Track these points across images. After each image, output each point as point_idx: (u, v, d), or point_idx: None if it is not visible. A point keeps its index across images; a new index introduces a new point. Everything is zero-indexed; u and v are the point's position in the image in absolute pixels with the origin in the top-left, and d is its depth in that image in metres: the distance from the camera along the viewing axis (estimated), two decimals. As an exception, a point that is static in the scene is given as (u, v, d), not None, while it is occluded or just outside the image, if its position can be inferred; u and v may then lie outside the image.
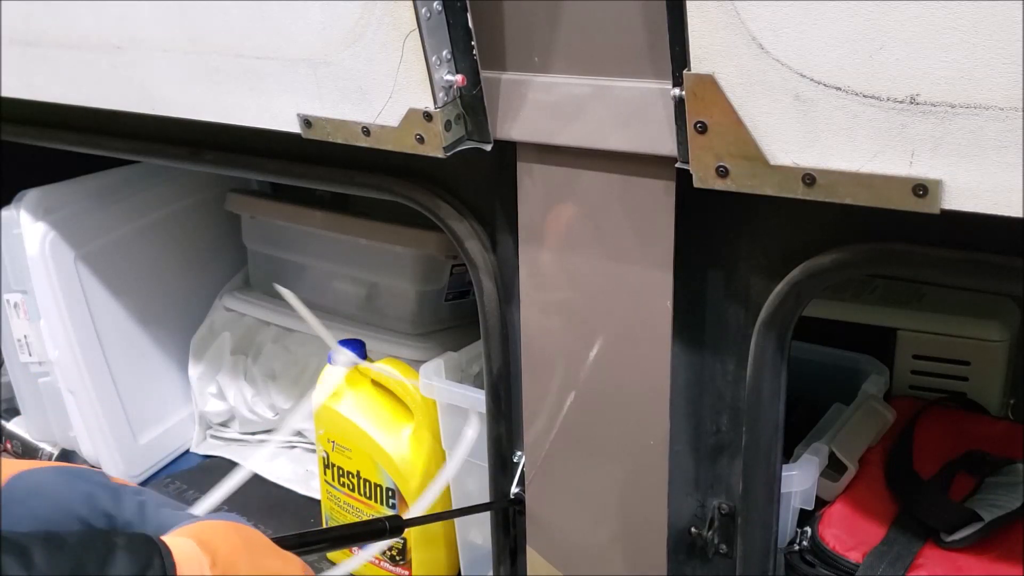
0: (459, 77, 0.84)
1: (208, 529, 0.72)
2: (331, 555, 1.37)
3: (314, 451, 1.55)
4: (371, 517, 1.27)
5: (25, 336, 1.47)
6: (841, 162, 0.67)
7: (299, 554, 0.83)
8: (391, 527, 0.94)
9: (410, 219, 1.31)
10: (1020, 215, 0.62)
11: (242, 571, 0.71)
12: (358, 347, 1.24)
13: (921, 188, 0.64)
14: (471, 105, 0.86)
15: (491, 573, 1.13)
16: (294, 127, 0.95)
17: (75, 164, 1.51)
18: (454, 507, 1.24)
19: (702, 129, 0.71)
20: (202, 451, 1.66)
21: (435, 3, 0.81)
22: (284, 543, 0.82)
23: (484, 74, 0.85)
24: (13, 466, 0.69)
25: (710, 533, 0.93)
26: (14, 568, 0.59)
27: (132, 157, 1.38)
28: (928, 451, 1.09)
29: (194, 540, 0.69)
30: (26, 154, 1.44)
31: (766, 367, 0.84)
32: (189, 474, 1.60)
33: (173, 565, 0.66)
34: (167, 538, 0.69)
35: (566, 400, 0.95)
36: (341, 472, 1.28)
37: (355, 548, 1.32)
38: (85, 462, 1.58)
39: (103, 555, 0.63)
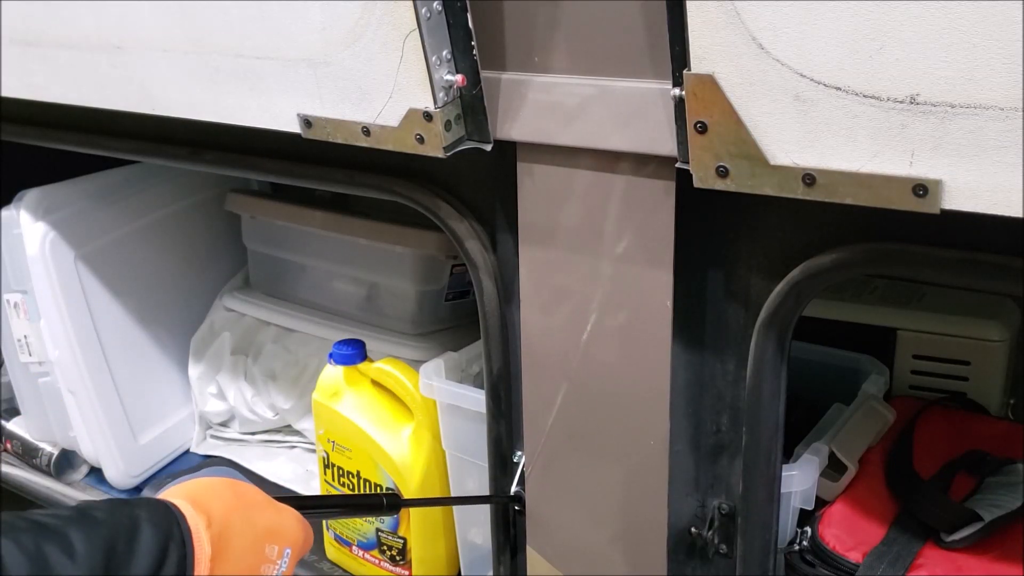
0: (459, 77, 0.84)
1: (200, 488, 0.75)
2: (330, 555, 1.37)
3: (314, 451, 1.55)
4: (371, 523, 1.28)
5: (25, 336, 1.47)
6: (841, 162, 0.67)
7: None
8: (388, 504, 0.94)
9: (410, 219, 1.31)
10: (1020, 215, 0.62)
11: (236, 527, 0.73)
12: (358, 347, 1.24)
13: (921, 188, 0.64)
14: (471, 105, 0.86)
15: (491, 573, 1.13)
16: (294, 127, 0.95)
17: (75, 164, 1.51)
18: (454, 506, 1.24)
19: (702, 129, 0.71)
20: (202, 451, 1.66)
21: (435, 3, 0.81)
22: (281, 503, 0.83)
23: (484, 74, 0.85)
24: None
25: (710, 533, 0.93)
26: (59, 557, 0.62)
27: (132, 157, 1.38)
28: (928, 451, 1.09)
29: (188, 501, 0.71)
30: (26, 154, 1.44)
31: (766, 367, 0.84)
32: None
33: (189, 530, 0.69)
34: (168, 500, 0.71)
35: (566, 400, 0.95)
36: (341, 472, 1.28)
37: (356, 549, 1.32)
38: (85, 462, 1.59)
39: (130, 529, 0.66)
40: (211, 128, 1.04)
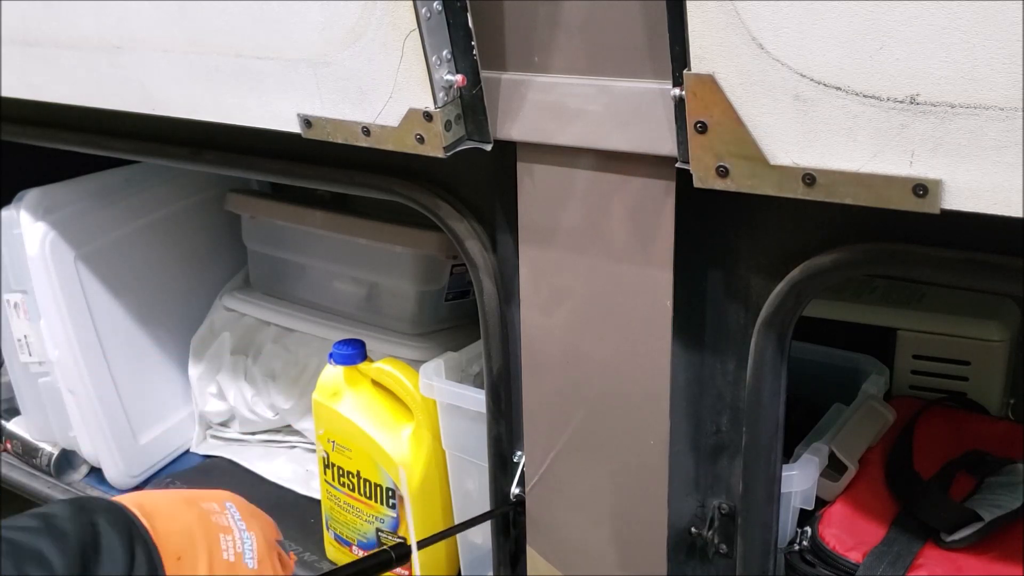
0: (459, 77, 0.84)
1: (147, 496, 0.79)
2: (330, 555, 1.37)
3: (314, 451, 1.55)
4: (371, 523, 1.28)
5: (25, 336, 1.47)
6: (841, 162, 0.67)
7: None
8: (397, 556, 0.95)
9: (410, 219, 1.31)
10: (1020, 215, 0.62)
11: (179, 515, 0.77)
12: (358, 347, 1.24)
13: (921, 188, 0.64)
14: (471, 105, 0.86)
15: (491, 573, 1.13)
16: (294, 127, 0.95)
17: (75, 164, 1.51)
18: (454, 506, 1.24)
19: (702, 129, 0.71)
20: (202, 451, 1.66)
21: (435, 3, 0.81)
22: None
23: (484, 74, 0.85)
24: None
25: (710, 533, 0.93)
26: (39, 573, 0.65)
27: (132, 157, 1.38)
28: (928, 451, 1.09)
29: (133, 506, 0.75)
30: (26, 154, 1.44)
31: (766, 367, 0.84)
32: (189, 474, 1.60)
33: (146, 530, 0.73)
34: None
35: (566, 400, 0.95)
36: (341, 472, 1.28)
37: (356, 549, 1.32)
38: (85, 462, 1.59)
39: (95, 535, 0.69)
40: (211, 128, 1.04)
